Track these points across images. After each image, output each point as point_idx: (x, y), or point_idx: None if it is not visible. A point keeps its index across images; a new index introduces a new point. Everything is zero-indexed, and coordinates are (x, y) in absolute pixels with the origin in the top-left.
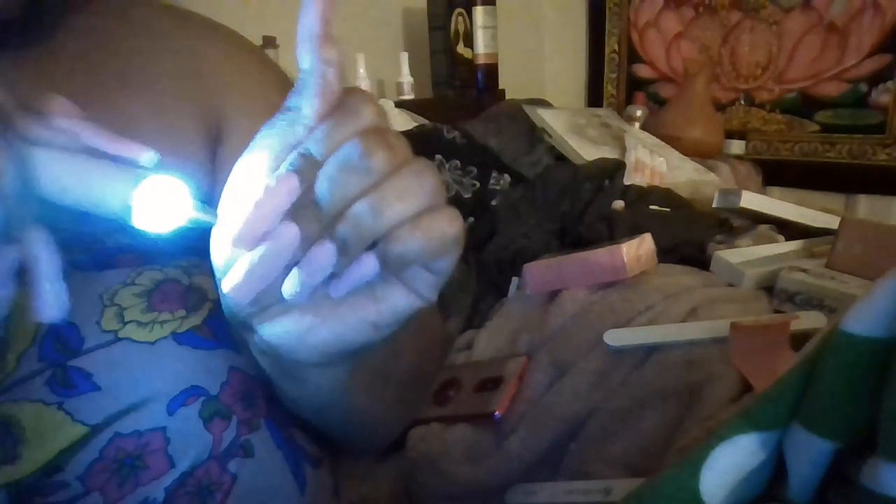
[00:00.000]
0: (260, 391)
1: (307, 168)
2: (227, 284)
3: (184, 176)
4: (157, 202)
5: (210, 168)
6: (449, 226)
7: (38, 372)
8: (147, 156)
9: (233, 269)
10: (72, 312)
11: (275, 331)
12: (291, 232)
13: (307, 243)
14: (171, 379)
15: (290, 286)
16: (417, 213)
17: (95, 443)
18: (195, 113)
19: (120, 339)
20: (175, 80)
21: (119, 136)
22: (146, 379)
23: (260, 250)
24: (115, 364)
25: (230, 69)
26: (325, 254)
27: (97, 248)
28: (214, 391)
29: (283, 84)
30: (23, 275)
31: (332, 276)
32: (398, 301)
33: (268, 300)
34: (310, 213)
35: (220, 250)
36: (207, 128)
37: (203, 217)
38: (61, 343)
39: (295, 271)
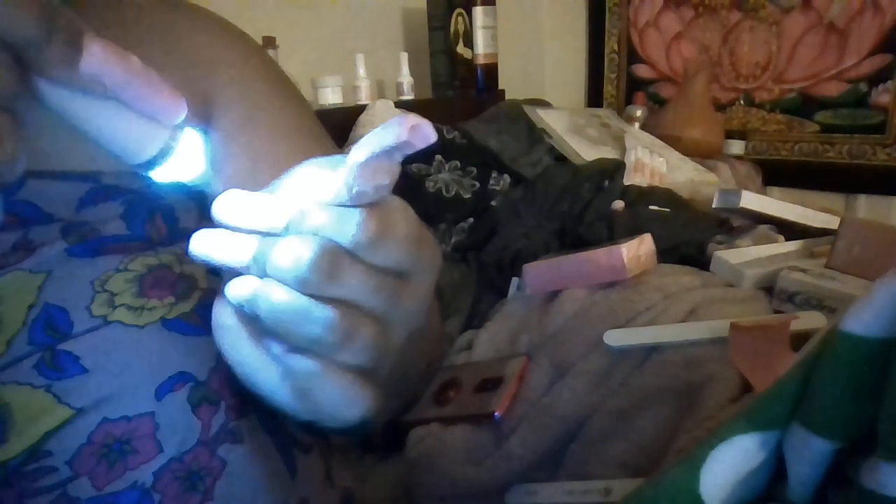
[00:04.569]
0: None
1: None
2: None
3: (200, 131)
4: (183, 156)
5: None
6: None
7: (27, 355)
8: (182, 113)
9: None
10: (62, 298)
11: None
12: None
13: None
14: (159, 364)
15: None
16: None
17: (83, 427)
18: (185, 96)
19: (109, 323)
20: (166, 65)
21: (158, 90)
22: (134, 363)
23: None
24: (103, 347)
25: (218, 54)
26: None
27: (92, 237)
28: (203, 377)
29: (269, 70)
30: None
31: None
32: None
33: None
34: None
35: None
36: (196, 112)
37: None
38: (51, 327)
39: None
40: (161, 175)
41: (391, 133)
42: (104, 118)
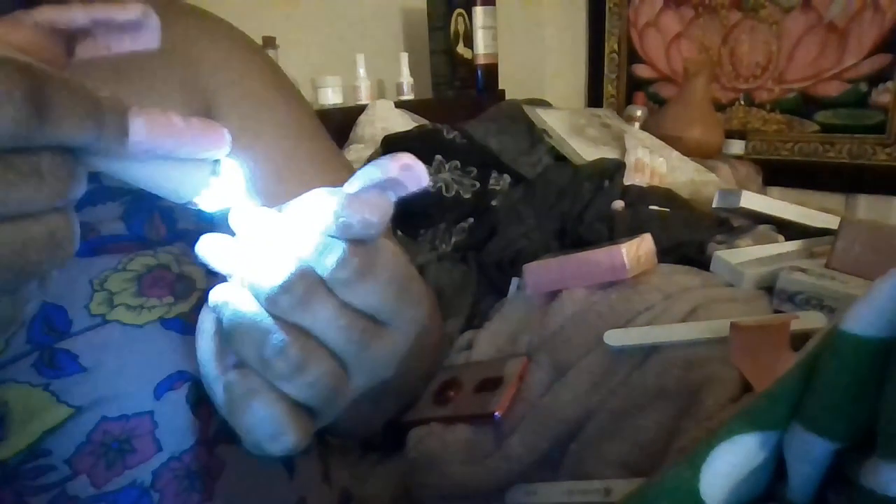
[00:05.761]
0: None
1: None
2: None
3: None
4: (225, 181)
5: None
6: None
7: (26, 354)
8: (228, 144)
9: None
10: (61, 297)
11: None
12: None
13: None
14: (157, 363)
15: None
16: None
17: (82, 426)
18: (186, 100)
19: (108, 322)
20: (166, 67)
21: (202, 135)
22: (133, 362)
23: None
24: (102, 346)
25: (218, 56)
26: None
27: (92, 237)
28: None
29: (270, 71)
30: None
31: None
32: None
33: None
34: None
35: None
36: (198, 114)
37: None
38: (49, 326)
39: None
40: (208, 204)
41: (381, 168)
42: (152, 172)
